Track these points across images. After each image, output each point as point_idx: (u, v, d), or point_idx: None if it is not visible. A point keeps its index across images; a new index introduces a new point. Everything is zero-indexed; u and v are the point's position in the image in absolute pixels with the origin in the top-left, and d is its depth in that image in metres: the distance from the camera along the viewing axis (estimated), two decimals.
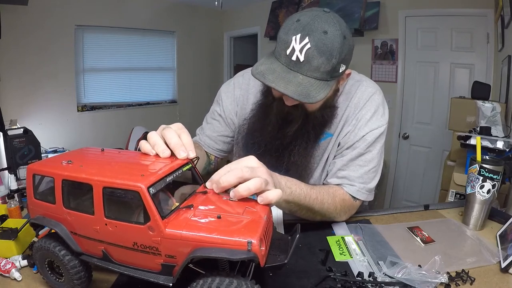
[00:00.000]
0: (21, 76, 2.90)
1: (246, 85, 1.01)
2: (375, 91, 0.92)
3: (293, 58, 0.71)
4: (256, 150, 0.87)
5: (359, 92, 0.91)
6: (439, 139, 2.72)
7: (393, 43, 2.88)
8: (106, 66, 3.56)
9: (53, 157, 0.61)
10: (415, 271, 0.65)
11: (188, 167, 0.59)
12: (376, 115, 0.89)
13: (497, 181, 0.87)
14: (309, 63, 0.71)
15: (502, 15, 1.95)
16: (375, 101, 0.90)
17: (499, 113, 1.58)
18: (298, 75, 0.72)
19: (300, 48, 0.70)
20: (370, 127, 0.88)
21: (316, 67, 0.71)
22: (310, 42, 0.69)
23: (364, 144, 0.88)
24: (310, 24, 0.70)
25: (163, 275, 0.49)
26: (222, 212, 0.51)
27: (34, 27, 2.91)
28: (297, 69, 0.72)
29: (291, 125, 0.84)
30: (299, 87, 0.71)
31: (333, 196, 0.86)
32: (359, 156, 0.89)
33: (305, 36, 0.70)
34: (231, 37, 4.61)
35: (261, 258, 0.46)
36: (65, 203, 0.53)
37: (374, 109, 0.89)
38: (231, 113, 1.02)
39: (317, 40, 0.69)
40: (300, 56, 0.70)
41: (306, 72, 0.72)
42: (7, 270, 0.64)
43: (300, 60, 0.71)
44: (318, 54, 0.70)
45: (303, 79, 0.71)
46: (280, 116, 0.84)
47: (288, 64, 0.72)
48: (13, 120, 2.53)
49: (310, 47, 0.69)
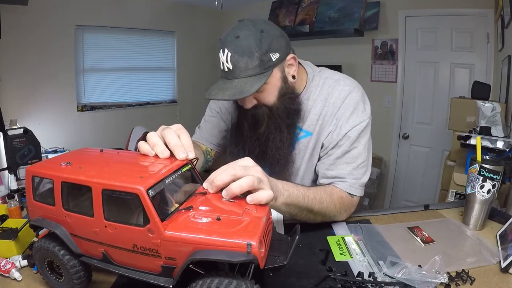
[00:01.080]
0: (21, 76, 2.90)
1: None
2: (352, 89, 0.94)
3: (225, 69, 0.83)
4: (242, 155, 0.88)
5: (336, 92, 0.94)
6: (439, 139, 2.71)
7: (393, 43, 2.87)
8: (106, 66, 3.55)
9: (52, 159, 0.61)
10: (415, 271, 0.65)
11: (187, 168, 0.59)
12: (356, 111, 0.92)
13: (497, 181, 0.87)
14: (237, 66, 0.82)
15: (502, 15, 1.95)
16: (353, 99, 0.93)
17: (499, 113, 1.58)
18: (234, 80, 0.83)
19: (225, 59, 0.82)
20: (351, 124, 0.91)
21: (244, 67, 0.81)
22: (229, 51, 0.81)
23: (348, 141, 0.91)
24: (225, 37, 0.84)
25: (163, 277, 0.49)
26: (222, 213, 0.51)
27: (34, 27, 2.90)
28: (232, 76, 0.83)
29: (260, 123, 0.91)
30: (234, 89, 0.81)
31: (330, 194, 0.87)
32: (344, 153, 0.91)
33: (224, 48, 0.82)
34: None
35: (261, 260, 0.46)
36: (64, 205, 0.53)
37: (353, 107, 0.92)
38: (227, 110, 1.08)
39: (233, 46, 0.81)
40: (228, 65, 0.82)
41: (239, 75, 0.82)
42: (7, 270, 0.64)
43: (230, 68, 0.82)
44: (239, 56, 0.81)
45: (238, 82, 0.82)
46: (248, 120, 0.92)
47: (225, 76, 0.84)
48: (13, 120, 2.52)
49: (231, 54, 0.81)
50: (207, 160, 1.10)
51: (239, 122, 0.96)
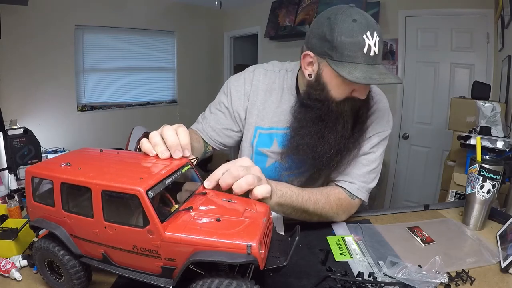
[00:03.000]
0: (21, 76, 2.90)
1: (256, 81, 1.00)
2: (382, 98, 0.96)
3: (371, 54, 0.76)
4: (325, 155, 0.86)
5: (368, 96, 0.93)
6: (439, 139, 2.71)
7: (393, 43, 2.87)
8: (106, 66, 3.55)
9: (51, 159, 0.61)
10: (415, 271, 0.65)
11: (187, 168, 0.59)
12: (381, 120, 0.94)
13: (497, 181, 0.87)
14: (380, 52, 0.78)
15: (502, 15, 1.95)
16: (382, 107, 0.94)
17: (499, 113, 1.57)
18: (377, 66, 0.77)
19: (374, 42, 0.75)
20: (376, 129, 0.92)
21: (381, 54, 0.79)
22: (377, 35, 0.76)
23: (369, 144, 0.92)
24: (367, 21, 0.76)
25: (163, 278, 0.49)
26: (222, 214, 0.51)
27: (34, 27, 2.91)
28: (375, 61, 0.77)
29: (361, 117, 0.87)
30: (392, 74, 0.78)
31: (327, 196, 0.87)
32: (363, 154, 0.92)
33: (373, 32, 0.75)
34: (231, 37, 4.61)
35: (261, 261, 0.46)
36: (64, 206, 0.53)
37: (381, 115, 0.94)
38: (238, 107, 1.00)
39: (379, 31, 0.76)
40: (375, 49, 0.76)
41: (379, 61, 0.78)
42: (7, 270, 0.64)
43: (376, 53, 0.76)
44: (382, 42, 0.78)
45: (382, 68, 0.78)
46: (354, 113, 0.86)
47: (367, 61, 0.76)
48: (13, 120, 2.52)
49: (379, 39, 0.76)
50: (205, 151, 1.03)
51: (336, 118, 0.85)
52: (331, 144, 0.85)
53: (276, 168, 0.97)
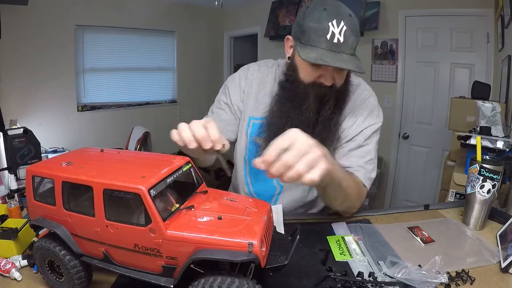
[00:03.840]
0: (21, 76, 2.90)
1: (251, 75, 1.07)
2: (371, 95, 1.02)
3: (334, 41, 0.80)
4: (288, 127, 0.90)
5: (356, 94, 1.00)
6: (439, 139, 2.71)
7: (393, 43, 2.87)
8: (106, 66, 3.55)
9: (52, 158, 0.61)
10: (415, 271, 0.65)
11: (188, 167, 0.59)
12: (372, 114, 1.00)
13: (497, 181, 0.87)
14: (347, 42, 0.81)
15: (502, 15, 1.95)
16: (371, 103, 1.01)
17: (499, 113, 1.57)
18: (342, 54, 0.81)
19: (339, 31, 0.80)
20: (368, 123, 0.98)
21: (351, 45, 0.82)
22: (345, 24, 0.80)
23: (362, 137, 0.97)
24: (338, 10, 0.82)
25: (164, 277, 0.49)
26: (223, 212, 0.51)
27: (34, 27, 2.90)
28: (339, 49, 0.81)
29: (328, 103, 0.91)
30: (351, 62, 0.81)
31: (351, 175, 0.91)
32: (358, 147, 0.97)
33: (340, 21, 0.80)
34: (231, 37, 4.61)
35: (262, 259, 0.46)
36: (65, 205, 0.53)
37: (370, 110, 1.00)
38: (237, 100, 1.07)
39: (349, 22, 0.81)
40: (340, 38, 0.80)
41: (346, 50, 0.81)
42: (7, 270, 0.64)
43: (340, 41, 0.80)
44: (351, 33, 0.81)
45: (347, 57, 0.81)
46: (318, 99, 0.90)
47: (330, 47, 0.81)
48: (13, 120, 2.52)
49: (346, 29, 0.80)
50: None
51: (301, 100, 0.91)
52: (297, 125, 0.87)
53: None
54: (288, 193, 1.05)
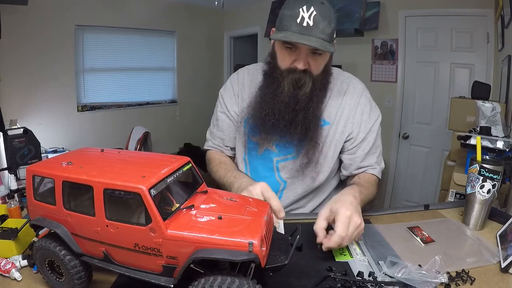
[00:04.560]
0: (21, 76, 2.90)
1: (241, 79, 1.13)
2: (364, 88, 1.08)
3: (304, 24, 0.85)
4: (270, 119, 0.97)
5: (351, 88, 1.06)
6: (439, 139, 2.71)
7: (393, 43, 2.87)
8: (106, 66, 3.55)
9: (52, 158, 0.61)
10: (415, 271, 0.65)
11: (188, 167, 0.59)
12: (372, 108, 1.06)
13: (497, 181, 0.87)
14: (317, 26, 0.86)
15: (502, 15, 1.95)
16: (366, 97, 1.06)
17: (499, 113, 1.57)
18: (311, 37, 0.85)
19: (308, 15, 0.85)
20: (373, 118, 1.05)
21: (322, 29, 0.86)
22: (315, 10, 0.85)
23: (373, 135, 1.05)
24: None
25: (164, 277, 0.49)
26: (223, 212, 0.51)
27: (34, 27, 2.90)
28: (309, 32, 0.86)
29: (303, 88, 0.94)
30: (317, 43, 0.85)
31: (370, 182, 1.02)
32: (372, 146, 1.05)
33: (310, 6, 0.85)
34: (231, 37, 4.61)
35: (262, 258, 0.46)
36: (65, 205, 0.53)
37: (369, 103, 1.06)
38: (233, 106, 1.12)
39: (319, 8, 0.86)
40: (309, 21, 0.85)
41: (316, 34, 0.86)
42: (7, 270, 0.64)
43: (309, 24, 0.85)
44: (322, 18, 0.86)
45: (315, 39, 0.86)
46: (292, 83, 0.94)
47: (300, 30, 0.86)
48: (13, 120, 2.52)
49: (316, 14, 0.85)
50: None
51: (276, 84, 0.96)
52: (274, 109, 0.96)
53: (267, 154, 1.07)
54: (292, 187, 1.08)
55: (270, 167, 1.08)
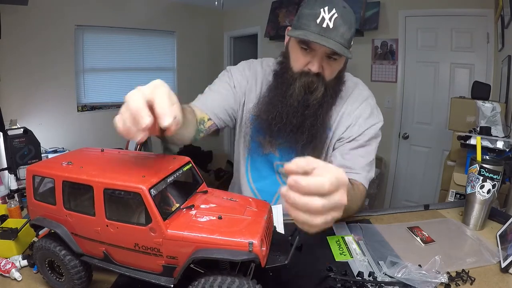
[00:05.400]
0: (21, 76, 2.89)
1: (254, 68, 1.07)
2: (369, 95, 1.03)
3: (323, 25, 0.82)
4: (276, 123, 0.93)
5: (355, 94, 1.01)
6: (439, 139, 2.71)
7: (393, 43, 2.87)
8: (106, 66, 3.55)
9: (53, 158, 0.61)
10: (415, 271, 0.65)
11: (188, 167, 0.59)
12: (372, 115, 0.99)
13: (497, 181, 0.87)
14: (337, 29, 0.82)
15: (502, 15, 1.95)
16: (370, 104, 1.01)
17: (499, 113, 1.57)
18: (329, 39, 0.82)
19: (329, 17, 0.82)
20: (370, 123, 0.98)
21: (341, 33, 0.83)
22: (336, 12, 0.82)
23: (365, 138, 0.97)
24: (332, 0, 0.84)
25: (164, 276, 0.49)
26: (223, 212, 0.51)
27: (34, 27, 2.90)
28: (328, 34, 0.82)
29: (315, 93, 0.90)
30: (336, 46, 0.81)
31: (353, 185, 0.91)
32: (359, 147, 0.97)
33: (332, 8, 0.82)
34: (231, 37, 4.60)
35: (262, 258, 0.46)
36: (65, 205, 0.53)
37: (371, 110, 1.00)
38: (241, 87, 1.04)
39: (341, 11, 0.83)
40: (329, 23, 0.82)
41: (335, 37, 0.82)
42: (7, 270, 0.64)
43: (329, 26, 0.82)
44: (343, 22, 0.82)
45: (334, 43, 0.82)
46: (304, 87, 0.89)
47: (319, 31, 0.82)
48: (13, 120, 2.52)
49: (337, 16, 0.82)
50: (199, 130, 0.97)
51: (287, 85, 0.91)
52: (282, 113, 0.91)
53: (269, 157, 1.04)
54: None
55: (271, 168, 1.06)
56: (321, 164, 0.45)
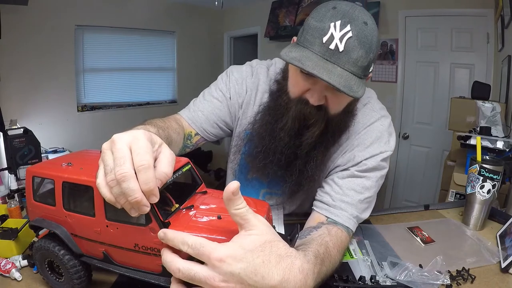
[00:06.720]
0: (21, 76, 2.90)
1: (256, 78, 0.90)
2: (379, 118, 0.82)
3: (331, 46, 0.61)
4: (262, 160, 0.78)
5: (360, 117, 0.81)
6: (439, 139, 2.72)
7: (393, 43, 2.88)
8: (106, 66, 3.55)
9: (52, 159, 0.61)
10: (417, 273, 0.65)
11: (187, 167, 0.59)
12: (378, 141, 0.79)
13: (497, 181, 0.87)
14: (348, 54, 0.62)
15: (502, 15, 1.95)
16: (377, 128, 0.80)
17: (499, 113, 1.58)
18: (336, 66, 0.62)
19: (341, 36, 0.61)
20: (371, 152, 0.78)
21: (355, 59, 0.62)
22: (352, 30, 0.61)
23: (362, 168, 0.77)
24: (350, 12, 0.63)
25: (163, 277, 0.49)
26: (222, 212, 0.51)
27: (34, 27, 2.90)
28: (335, 60, 0.62)
29: (311, 130, 0.72)
30: (341, 79, 0.61)
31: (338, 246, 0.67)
32: (352, 177, 0.78)
33: (346, 24, 0.61)
34: (231, 37, 4.61)
35: None
36: (65, 205, 0.53)
37: (376, 135, 0.79)
38: (239, 97, 0.89)
39: (359, 29, 0.62)
40: (339, 45, 0.61)
41: (344, 64, 0.62)
42: (7, 270, 0.64)
43: (339, 49, 0.61)
44: (359, 45, 0.62)
45: (342, 72, 0.62)
46: (299, 119, 0.72)
47: (324, 53, 0.62)
48: (13, 120, 2.52)
49: (352, 36, 0.61)
50: (185, 145, 0.87)
51: (279, 116, 0.75)
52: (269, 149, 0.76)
53: (255, 182, 0.90)
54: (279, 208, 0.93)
55: (257, 193, 0.93)
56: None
